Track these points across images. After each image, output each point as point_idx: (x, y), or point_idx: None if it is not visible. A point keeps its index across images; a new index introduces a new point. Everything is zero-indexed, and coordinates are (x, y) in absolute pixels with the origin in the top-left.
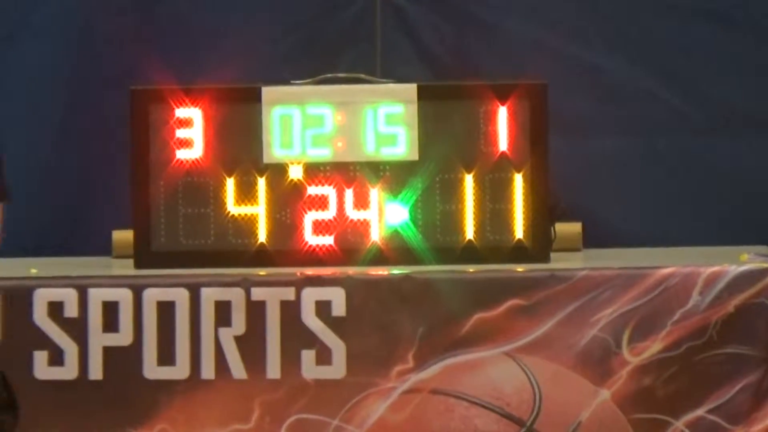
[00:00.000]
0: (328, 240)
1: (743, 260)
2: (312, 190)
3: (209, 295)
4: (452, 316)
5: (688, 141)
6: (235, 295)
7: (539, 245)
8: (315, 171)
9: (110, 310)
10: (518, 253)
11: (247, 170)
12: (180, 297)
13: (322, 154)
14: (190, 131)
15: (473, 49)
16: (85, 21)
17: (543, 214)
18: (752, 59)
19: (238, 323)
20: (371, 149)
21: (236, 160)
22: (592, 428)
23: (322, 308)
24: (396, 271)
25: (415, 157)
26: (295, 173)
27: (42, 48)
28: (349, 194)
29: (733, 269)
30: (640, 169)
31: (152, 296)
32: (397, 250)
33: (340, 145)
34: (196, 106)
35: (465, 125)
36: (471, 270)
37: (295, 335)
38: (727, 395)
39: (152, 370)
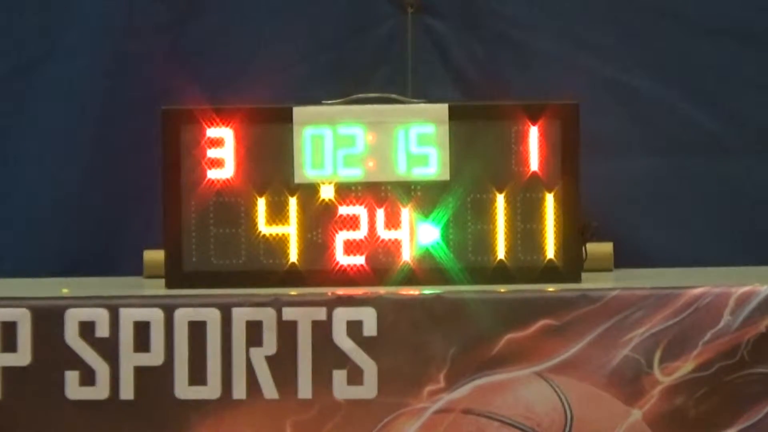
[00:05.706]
0: (359, 260)
1: None
2: (343, 210)
3: (240, 315)
4: (483, 336)
5: (720, 161)
6: (267, 315)
7: (570, 265)
8: (346, 191)
9: (141, 329)
10: (549, 273)
11: (278, 190)
12: (211, 317)
13: (354, 174)
14: (222, 151)
15: (505, 68)
16: (117, 42)
17: (574, 234)
18: None
19: (270, 343)
20: (402, 169)
21: (267, 180)
22: None
23: (354, 328)
24: (427, 291)
25: (447, 177)
26: (327, 193)
27: (73, 69)
28: (380, 214)
29: (765, 289)
30: (671, 189)
31: (183, 316)
32: (428, 270)
33: (372, 165)
34: (227, 126)
35: (496, 145)
36: (502, 290)
37: (327, 355)
38: (758, 415)
39: (183, 390)
